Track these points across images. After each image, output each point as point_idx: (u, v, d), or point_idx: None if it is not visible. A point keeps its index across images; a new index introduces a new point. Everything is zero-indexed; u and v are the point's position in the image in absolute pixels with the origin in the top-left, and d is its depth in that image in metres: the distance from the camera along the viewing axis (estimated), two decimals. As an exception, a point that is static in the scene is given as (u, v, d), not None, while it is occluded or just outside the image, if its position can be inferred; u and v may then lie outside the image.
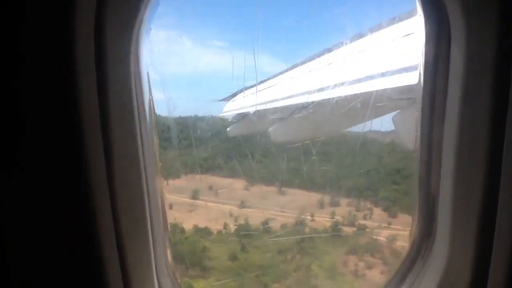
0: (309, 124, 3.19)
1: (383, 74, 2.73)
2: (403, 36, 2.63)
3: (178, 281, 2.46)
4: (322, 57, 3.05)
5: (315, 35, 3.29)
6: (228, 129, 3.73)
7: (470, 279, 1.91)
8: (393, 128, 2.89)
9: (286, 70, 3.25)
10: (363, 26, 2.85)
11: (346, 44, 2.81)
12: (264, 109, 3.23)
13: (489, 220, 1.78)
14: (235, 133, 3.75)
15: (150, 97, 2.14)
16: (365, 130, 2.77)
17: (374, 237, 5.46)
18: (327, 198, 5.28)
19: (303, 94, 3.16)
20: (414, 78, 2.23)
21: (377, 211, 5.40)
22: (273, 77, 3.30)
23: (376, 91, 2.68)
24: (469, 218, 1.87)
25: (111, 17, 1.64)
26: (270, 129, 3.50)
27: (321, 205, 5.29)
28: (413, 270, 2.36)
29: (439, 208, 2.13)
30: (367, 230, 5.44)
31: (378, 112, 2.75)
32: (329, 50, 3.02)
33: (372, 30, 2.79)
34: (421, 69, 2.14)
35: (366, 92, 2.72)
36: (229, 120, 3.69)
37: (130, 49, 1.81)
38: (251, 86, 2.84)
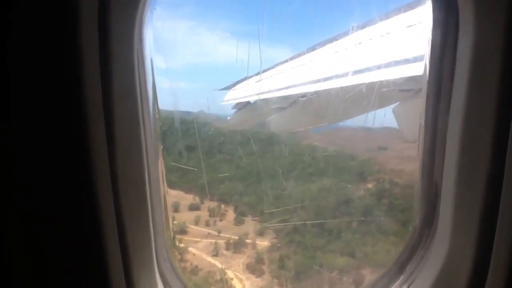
0: (309, 114, 3.18)
1: (387, 65, 2.70)
2: (409, 26, 2.60)
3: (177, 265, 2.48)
4: (327, 46, 3.02)
5: (321, 24, 3.25)
6: (228, 117, 3.73)
7: (472, 268, 1.90)
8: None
9: (291, 59, 3.22)
10: (369, 15, 2.81)
11: (351, 33, 2.78)
12: (265, 99, 3.24)
13: (491, 209, 1.77)
14: (235, 121, 3.75)
15: (153, 78, 2.13)
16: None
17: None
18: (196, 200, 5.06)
19: (305, 83, 3.14)
20: (419, 68, 2.22)
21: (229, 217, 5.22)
22: (277, 66, 3.27)
23: (379, 81, 2.65)
24: (472, 207, 1.86)
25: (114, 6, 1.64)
26: (270, 118, 3.50)
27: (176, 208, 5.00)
28: (414, 258, 2.35)
29: (442, 196, 2.12)
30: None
31: (380, 102, 2.72)
32: (334, 39, 3.00)
33: (378, 20, 2.75)
34: (426, 59, 2.13)
35: (369, 83, 2.69)
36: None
37: (134, 29, 1.80)
38: (254, 75, 2.84)
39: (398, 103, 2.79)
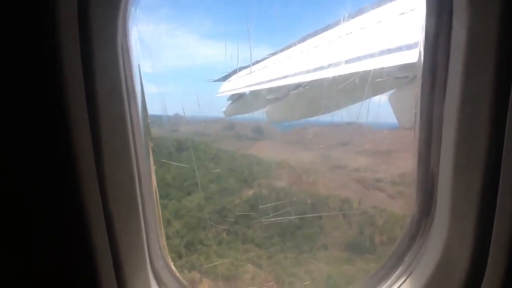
0: (304, 103, 3.18)
1: (381, 53, 2.70)
2: (402, 14, 2.60)
3: (172, 264, 2.44)
4: (319, 36, 3.02)
5: (311, 13, 3.26)
6: (223, 109, 3.71)
7: (471, 256, 1.89)
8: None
9: (283, 49, 3.21)
10: (361, 4, 2.81)
11: (343, 22, 2.78)
12: (260, 89, 3.22)
13: (490, 197, 1.76)
14: (230, 113, 3.73)
15: (140, 77, 2.09)
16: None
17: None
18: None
19: (299, 73, 3.13)
20: (413, 56, 2.20)
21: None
22: (270, 56, 3.26)
23: (374, 69, 2.65)
24: (470, 195, 1.85)
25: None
26: (266, 109, 3.49)
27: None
28: (412, 248, 2.35)
29: (439, 185, 2.12)
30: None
31: (375, 90, 2.73)
32: (326, 28, 2.99)
33: (370, 8, 2.76)
34: (421, 46, 2.11)
35: (363, 71, 2.69)
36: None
37: (117, 26, 1.75)
38: (247, 66, 2.82)
39: (393, 90, 2.81)
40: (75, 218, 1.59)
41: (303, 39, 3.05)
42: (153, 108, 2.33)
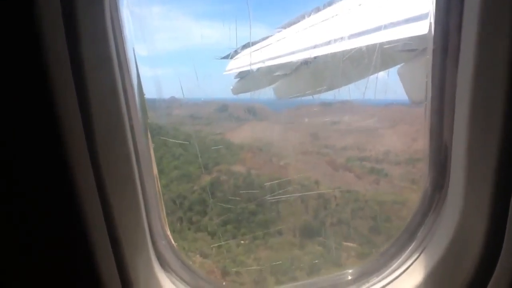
0: (312, 78, 3.14)
1: (390, 25, 2.67)
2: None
3: (174, 243, 2.38)
4: (325, 10, 2.98)
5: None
6: (231, 87, 3.66)
7: (485, 234, 1.83)
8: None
9: (289, 24, 3.16)
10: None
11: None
12: (267, 66, 3.17)
13: (506, 170, 1.70)
14: (238, 91, 3.68)
15: (137, 70, 2.02)
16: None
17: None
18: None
19: (307, 49, 3.09)
20: (424, 27, 2.14)
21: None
22: (274, 34, 3.21)
23: (383, 42, 2.62)
24: (485, 169, 1.78)
25: None
26: (274, 85, 3.45)
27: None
28: (425, 224, 2.30)
29: (452, 159, 2.05)
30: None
31: (385, 64, 2.71)
32: (332, 3, 2.95)
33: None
34: (431, 15, 2.03)
35: (371, 44, 2.66)
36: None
37: (104, 4, 1.66)
38: (254, 43, 2.76)
39: (402, 64, 2.79)
40: (69, 199, 1.52)
41: (310, 13, 3.01)
42: (149, 92, 2.25)
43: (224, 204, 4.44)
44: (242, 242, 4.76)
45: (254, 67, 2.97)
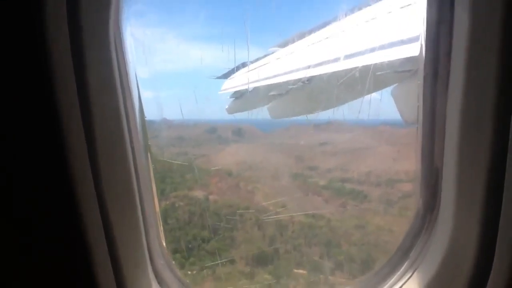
0: (307, 99, 3.16)
1: (382, 47, 2.72)
2: (402, 8, 2.63)
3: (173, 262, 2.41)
4: (319, 32, 3.01)
5: (310, 9, 3.26)
6: (226, 107, 3.66)
7: (476, 252, 1.87)
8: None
9: (283, 45, 3.20)
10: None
11: (344, 17, 2.78)
12: (262, 86, 3.19)
13: (495, 192, 1.73)
14: (233, 110, 3.68)
15: (138, 92, 2.09)
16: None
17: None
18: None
19: (301, 69, 3.12)
20: (415, 49, 2.19)
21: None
22: (271, 53, 3.24)
23: (376, 63, 2.66)
24: (475, 190, 1.82)
25: (85, 9, 1.58)
26: (268, 105, 3.46)
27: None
28: (417, 244, 2.33)
29: (443, 180, 2.09)
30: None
31: (378, 85, 2.74)
32: (326, 24, 2.99)
33: (369, 3, 2.78)
34: (422, 38, 2.08)
35: (364, 66, 2.70)
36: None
37: (109, 29, 1.73)
38: (251, 62, 2.78)
39: (396, 85, 2.83)
40: (71, 218, 1.57)
41: (304, 34, 3.04)
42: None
43: (175, 231, 4.39)
44: (189, 272, 4.59)
45: (249, 86, 3.00)
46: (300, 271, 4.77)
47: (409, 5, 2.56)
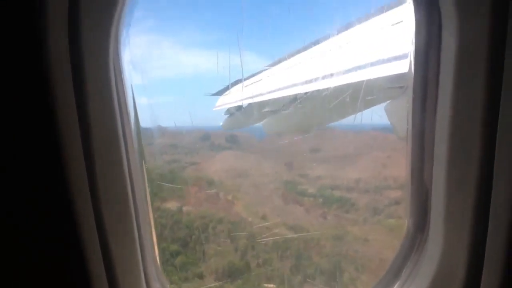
0: (300, 116, 3.18)
1: (373, 64, 2.74)
2: (392, 25, 2.65)
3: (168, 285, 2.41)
4: (310, 50, 3.03)
5: (302, 27, 3.27)
6: (221, 123, 3.66)
7: (466, 270, 1.90)
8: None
9: (276, 63, 3.21)
10: (351, 16, 2.85)
11: (334, 35, 2.80)
12: (256, 102, 3.20)
13: (483, 210, 1.77)
14: (228, 127, 3.69)
15: (133, 99, 2.10)
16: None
17: None
18: None
19: (294, 86, 3.13)
20: (405, 66, 2.20)
21: None
22: (263, 71, 3.25)
23: (367, 80, 2.68)
24: (463, 209, 1.86)
25: (85, 19, 1.62)
26: (262, 122, 3.47)
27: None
28: (408, 264, 2.33)
29: (432, 200, 2.10)
30: None
31: (370, 102, 2.76)
32: (317, 42, 3.00)
33: (360, 20, 2.80)
34: (411, 57, 2.10)
35: (356, 82, 2.72)
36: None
37: (109, 50, 1.76)
38: (244, 79, 2.79)
39: (389, 101, 2.85)
40: (70, 243, 1.60)
41: (298, 51, 3.06)
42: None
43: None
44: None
45: (244, 103, 3.01)
46: (270, 285, 4.70)
47: (400, 22, 2.58)
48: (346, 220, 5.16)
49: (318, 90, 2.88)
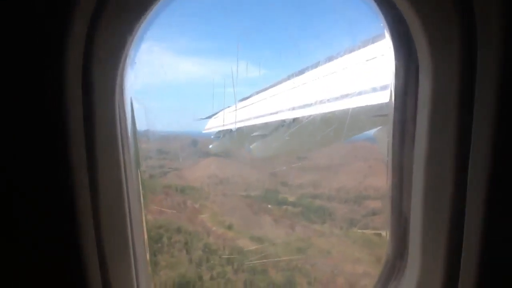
0: (289, 140, 3.22)
1: (361, 92, 2.80)
2: (374, 58, 2.72)
3: None
4: (296, 78, 3.08)
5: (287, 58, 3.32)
6: (210, 146, 3.68)
7: None
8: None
9: (262, 91, 3.26)
10: (333, 49, 2.91)
11: (317, 66, 2.87)
12: (246, 126, 3.23)
13: (457, 242, 1.85)
14: (218, 150, 3.71)
15: (134, 126, 2.20)
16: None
17: None
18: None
19: (282, 111, 3.18)
20: (387, 96, 2.28)
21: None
22: (250, 97, 3.29)
23: (353, 108, 2.74)
24: (438, 240, 1.95)
25: (99, 52, 1.74)
26: (252, 146, 3.50)
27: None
28: None
29: (411, 229, 2.18)
30: None
31: (360, 128, 2.83)
32: (300, 72, 3.06)
33: (342, 53, 2.86)
34: (392, 88, 2.20)
35: (343, 110, 2.78)
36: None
37: (116, 81, 1.90)
38: (233, 104, 2.84)
39: (379, 127, 2.94)
40: (69, 243, 1.66)
41: (285, 79, 3.11)
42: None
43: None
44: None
45: (233, 127, 3.05)
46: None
47: (374, 58, 2.64)
48: (313, 231, 5.14)
49: (306, 116, 2.94)
